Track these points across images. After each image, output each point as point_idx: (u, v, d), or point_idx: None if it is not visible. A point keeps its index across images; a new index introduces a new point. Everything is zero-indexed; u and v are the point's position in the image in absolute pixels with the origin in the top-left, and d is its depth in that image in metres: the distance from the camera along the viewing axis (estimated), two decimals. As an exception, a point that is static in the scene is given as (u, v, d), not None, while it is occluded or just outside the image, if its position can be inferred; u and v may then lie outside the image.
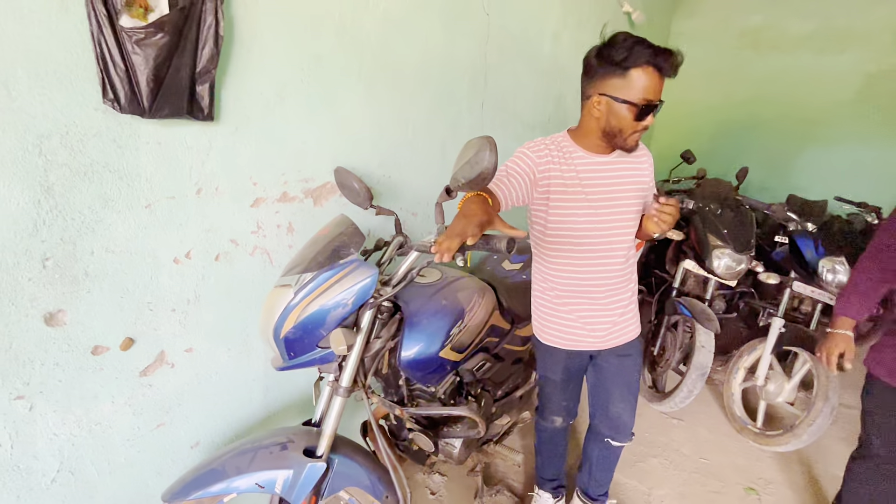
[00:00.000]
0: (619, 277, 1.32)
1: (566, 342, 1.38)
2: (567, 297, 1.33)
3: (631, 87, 1.11)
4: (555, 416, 1.56)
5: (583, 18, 2.97)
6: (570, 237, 1.26)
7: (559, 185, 1.21)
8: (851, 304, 1.47)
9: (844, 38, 4.34)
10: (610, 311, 1.35)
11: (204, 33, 1.00)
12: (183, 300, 1.13)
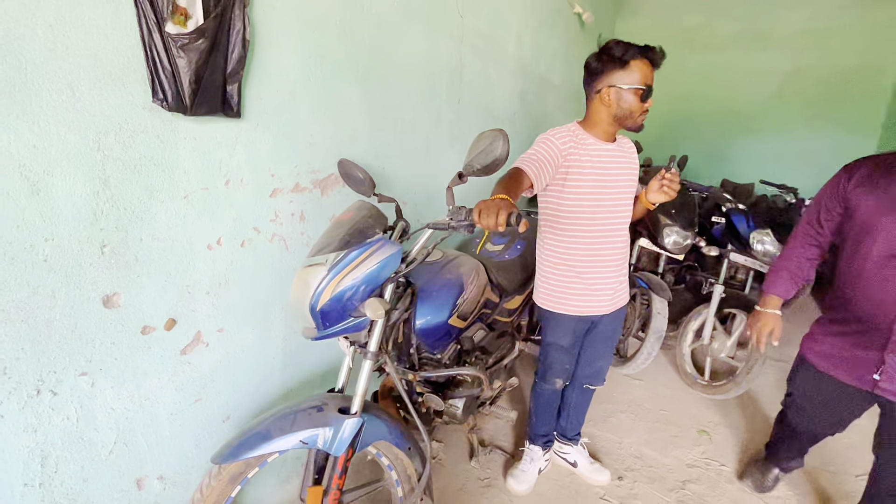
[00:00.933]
0: (621, 248, 1.57)
1: (578, 308, 1.59)
2: (580, 267, 1.53)
3: (632, 76, 1.37)
4: (557, 377, 1.75)
5: (541, 20, 3.20)
6: (585, 213, 1.47)
7: (577, 168, 1.43)
8: (779, 282, 1.55)
9: (766, 38, 4.87)
10: (614, 278, 1.58)
11: (233, 38, 1.11)
12: (215, 283, 1.23)
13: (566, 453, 1.95)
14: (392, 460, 1.35)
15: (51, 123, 0.85)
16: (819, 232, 1.46)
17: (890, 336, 1.26)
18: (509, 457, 2.03)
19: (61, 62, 0.85)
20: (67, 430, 0.97)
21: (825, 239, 1.46)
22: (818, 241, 1.48)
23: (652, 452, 2.12)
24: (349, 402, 1.24)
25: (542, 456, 1.91)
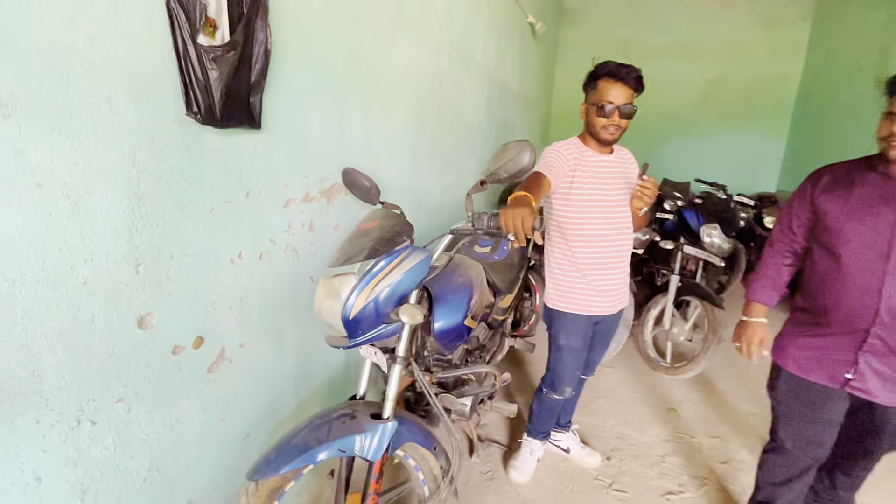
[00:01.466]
0: (624, 253, 1.68)
1: (588, 308, 1.68)
2: (586, 270, 1.63)
3: (597, 93, 1.50)
4: (567, 386, 1.81)
5: (502, 29, 3.34)
6: (588, 220, 1.58)
7: (581, 178, 1.54)
8: (762, 290, 1.53)
9: (692, 50, 5.38)
10: (617, 280, 1.69)
11: (257, 49, 1.10)
12: (238, 298, 1.20)
13: (559, 440, 2.07)
14: (419, 461, 1.38)
15: (90, 139, 0.81)
16: (793, 239, 1.48)
17: (866, 338, 1.27)
18: (506, 449, 2.12)
19: (100, 75, 0.81)
20: (105, 461, 0.92)
21: (799, 245, 1.48)
22: (792, 247, 1.50)
23: (631, 432, 2.30)
24: (377, 408, 1.26)
25: (540, 447, 2.01)
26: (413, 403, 1.66)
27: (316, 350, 1.58)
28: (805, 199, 1.40)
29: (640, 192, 1.45)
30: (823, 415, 1.40)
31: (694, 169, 5.16)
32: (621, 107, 1.47)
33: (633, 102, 1.52)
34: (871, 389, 1.28)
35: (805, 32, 4.98)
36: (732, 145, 5.41)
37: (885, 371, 1.27)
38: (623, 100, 1.47)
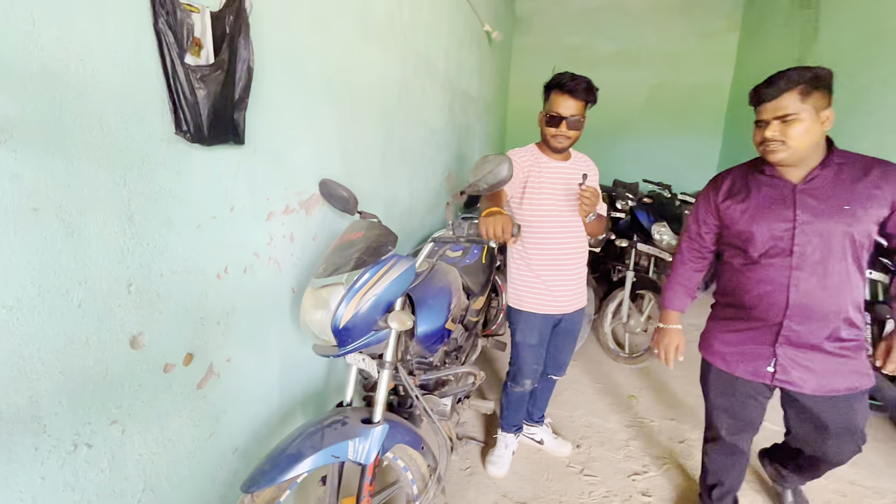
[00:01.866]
0: (576, 255, 1.78)
1: (542, 307, 1.79)
2: (540, 270, 1.74)
3: (549, 104, 1.62)
4: (527, 379, 1.93)
5: (461, 37, 3.44)
6: (541, 223, 1.67)
7: (534, 183, 1.63)
8: (675, 298, 1.59)
9: (635, 58, 5.72)
10: (571, 280, 1.79)
11: (240, 67, 1.11)
12: (224, 313, 1.21)
13: (533, 433, 2.18)
14: (407, 461, 1.43)
15: (83, 161, 0.81)
16: (702, 245, 1.53)
17: (780, 331, 1.33)
18: (483, 445, 2.20)
19: (91, 97, 0.81)
20: (101, 484, 0.91)
21: (708, 249, 1.54)
22: (702, 252, 1.55)
23: (597, 420, 2.45)
24: (366, 413, 1.30)
25: (514, 440, 2.12)
26: (396, 406, 1.70)
27: (299, 360, 1.59)
28: (710, 205, 1.45)
29: (580, 200, 1.52)
30: (751, 406, 1.48)
31: (641, 169, 5.49)
32: (568, 118, 1.57)
33: (584, 114, 1.62)
34: (795, 381, 1.35)
35: (734, 44, 5.44)
36: (674, 147, 5.80)
37: (804, 361, 1.33)
38: (571, 112, 1.57)
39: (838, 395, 1.33)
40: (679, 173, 5.57)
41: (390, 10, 2.10)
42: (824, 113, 1.20)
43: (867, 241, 1.26)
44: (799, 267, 1.28)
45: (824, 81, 1.20)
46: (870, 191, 1.22)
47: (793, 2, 4.21)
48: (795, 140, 1.21)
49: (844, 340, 1.30)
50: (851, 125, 3.24)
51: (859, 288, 1.28)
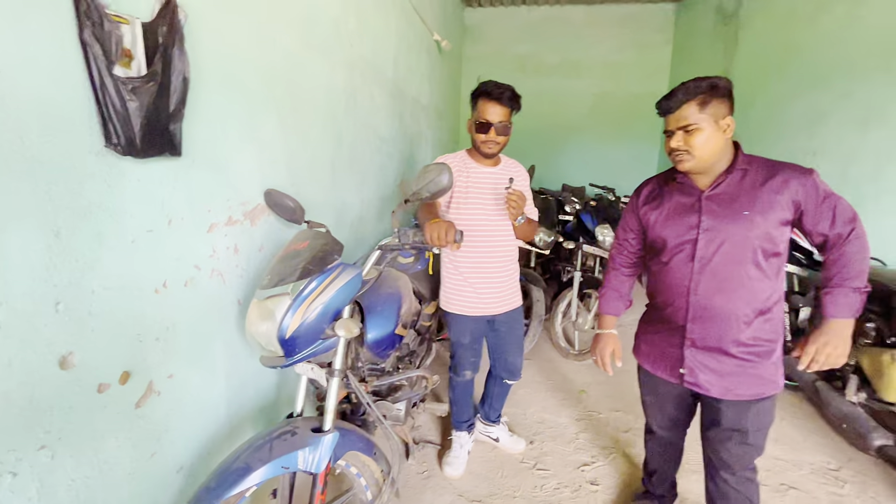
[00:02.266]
0: (503, 258, 1.83)
1: (469, 309, 1.84)
2: (467, 273, 1.79)
3: (477, 111, 1.68)
4: (466, 370, 2.01)
5: (410, 46, 3.49)
6: (468, 228, 1.72)
7: (461, 188, 1.68)
8: (609, 303, 1.61)
9: (579, 68, 5.99)
10: (497, 284, 1.84)
11: (175, 78, 1.10)
12: (164, 328, 1.18)
13: (490, 432, 2.23)
14: (360, 468, 1.44)
15: (3, 175, 0.78)
16: (629, 250, 1.57)
17: (685, 333, 1.36)
18: (439, 447, 2.23)
19: (10, 110, 0.78)
20: (29, 514, 0.87)
21: (636, 254, 1.57)
22: (630, 258, 1.58)
23: (549, 416, 2.55)
24: (316, 422, 1.30)
25: (469, 439, 2.16)
26: (349, 414, 1.71)
27: (247, 373, 1.56)
28: (634, 212, 1.49)
29: (507, 204, 1.58)
30: (676, 404, 1.52)
31: (588, 174, 5.76)
32: (496, 124, 1.64)
33: (510, 120, 1.70)
34: (702, 383, 1.36)
35: (668, 55, 5.83)
36: (618, 152, 6.12)
37: (711, 363, 1.34)
38: (498, 118, 1.64)
39: (742, 399, 1.33)
40: (623, 177, 5.88)
41: (335, 19, 2.12)
42: (724, 121, 1.23)
43: (773, 245, 1.26)
44: (700, 271, 1.31)
45: (721, 91, 1.23)
46: (770, 196, 1.24)
47: (716, 18, 4.58)
48: (698, 149, 1.24)
49: (749, 345, 1.31)
50: (767, 131, 3.57)
51: (765, 293, 1.28)
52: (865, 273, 1.23)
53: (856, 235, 1.23)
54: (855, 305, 1.23)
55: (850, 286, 1.22)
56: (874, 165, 2.46)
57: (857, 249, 1.23)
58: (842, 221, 1.22)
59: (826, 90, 2.80)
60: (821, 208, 1.23)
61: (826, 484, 2.03)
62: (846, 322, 1.23)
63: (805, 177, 1.24)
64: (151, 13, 1.05)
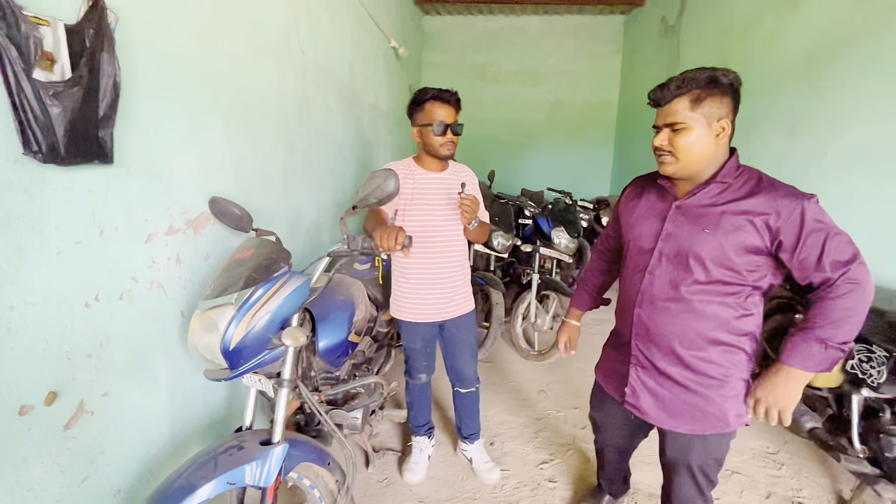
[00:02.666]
0: (452, 265, 1.81)
1: (416, 316, 1.83)
2: (415, 280, 1.78)
3: (427, 116, 1.67)
4: (420, 373, 2.00)
5: (366, 53, 3.48)
6: (415, 233, 1.72)
7: (407, 195, 1.68)
8: (577, 295, 1.60)
9: (535, 76, 6.16)
10: (445, 291, 1.82)
11: (104, 82, 1.06)
12: (96, 344, 1.12)
13: (465, 450, 2.17)
14: (313, 479, 1.41)
15: None
16: (608, 248, 1.51)
17: (630, 350, 1.25)
18: (400, 454, 2.22)
19: (-90, 116, 0.73)
20: (-63, 550, 0.80)
21: (613, 252, 1.50)
22: (606, 256, 1.53)
23: (510, 417, 2.59)
24: (266, 434, 1.27)
25: (429, 444, 2.16)
26: (304, 425, 1.67)
27: (193, 388, 1.51)
28: (616, 210, 1.41)
29: (461, 208, 1.59)
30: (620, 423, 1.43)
31: (546, 179, 5.91)
32: (452, 125, 1.66)
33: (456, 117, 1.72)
34: (643, 406, 1.26)
35: (618, 65, 6.08)
36: (574, 157, 6.32)
37: (653, 386, 1.23)
38: (452, 119, 1.67)
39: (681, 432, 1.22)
40: (580, 181, 6.08)
41: (285, 25, 2.09)
42: (718, 123, 1.06)
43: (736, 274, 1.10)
44: (650, 284, 1.20)
45: (722, 87, 1.05)
46: (740, 218, 1.07)
47: (660, 30, 4.83)
48: (683, 152, 1.08)
49: (697, 373, 1.17)
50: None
51: (725, 324, 1.14)
52: (850, 328, 1.00)
53: (848, 281, 1.00)
54: (814, 358, 1.02)
55: (817, 335, 1.02)
56: (801, 169, 2.66)
57: (847, 303, 0.99)
58: (831, 262, 1.00)
59: (757, 99, 3.00)
60: (804, 241, 1.02)
61: (765, 467, 2.16)
62: (797, 374, 1.05)
63: (792, 201, 1.03)
64: (77, 15, 1.01)
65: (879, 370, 1.72)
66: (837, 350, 1.01)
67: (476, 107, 6.04)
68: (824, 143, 2.48)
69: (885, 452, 1.65)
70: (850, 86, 2.34)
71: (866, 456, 1.75)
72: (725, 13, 3.50)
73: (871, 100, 2.23)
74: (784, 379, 1.07)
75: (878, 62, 2.20)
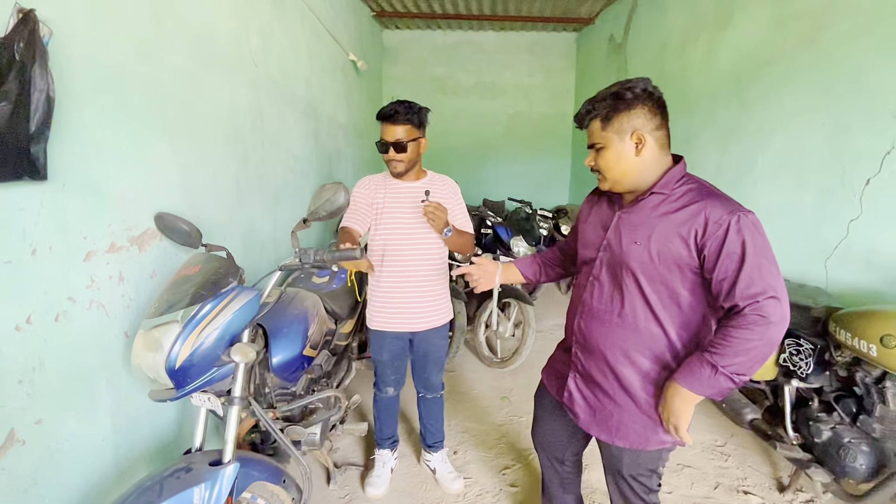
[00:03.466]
0: (426, 274, 1.82)
1: (387, 325, 1.85)
2: (388, 290, 1.80)
3: (380, 133, 1.70)
4: (388, 387, 2.00)
5: (323, 66, 3.49)
6: (389, 242, 1.75)
7: (379, 204, 1.71)
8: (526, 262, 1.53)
9: (493, 89, 6.32)
10: (418, 302, 1.83)
11: (36, 97, 1.02)
12: (28, 369, 1.06)
13: (429, 460, 2.17)
14: (268, 498, 1.38)
15: None
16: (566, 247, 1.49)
17: (570, 356, 1.27)
18: (362, 468, 2.20)
19: None
20: None
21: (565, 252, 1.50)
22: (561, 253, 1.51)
23: (473, 424, 2.61)
24: (217, 455, 1.24)
25: (391, 457, 2.14)
26: (260, 443, 1.64)
27: (139, 411, 1.45)
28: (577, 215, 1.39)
29: (426, 216, 1.60)
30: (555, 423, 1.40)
31: (507, 189, 6.05)
32: (392, 143, 1.66)
33: (414, 136, 1.68)
34: (577, 410, 1.26)
35: (572, 79, 6.34)
36: (533, 168, 6.50)
37: (588, 395, 1.24)
38: (393, 137, 1.66)
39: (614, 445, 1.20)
40: (539, 191, 6.26)
41: (235, 37, 2.08)
42: (633, 137, 1.07)
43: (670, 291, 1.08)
44: (590, 294, 1.21)
45: (627, 100, 1.06)
46: (671, 230, 1.05)
47: (609, 47, 5.08)
48: (606, 169, 1.11)
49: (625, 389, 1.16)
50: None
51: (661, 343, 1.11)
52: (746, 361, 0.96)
53: (755, 313, 0.95)
54: (703, 382, 1.00)
55: (710, 360, 0.99)
56: (735, 177, 2.86)
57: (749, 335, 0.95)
58: (742, 290, 0.96)
59: (695, 113, 3.21)
60: (728, 258, 0.97)
61: (713, 459, 2.28)
62: (685, 392, 1.02)
63: (722, 214, 0.99)
64: (5, 29, 0.98)
65: (807, 361, 1.86)
66: (728, 379, 0.98)
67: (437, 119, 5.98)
68: (754, 152, 2.68)
69: (815, 438, 1.78)
70: (772, 101, 2.55)
71: (799, 443, 1.89)
72: (665, 33, 3.74)
73: (789, 113, 2.44)
74: (672, 395, 1.05)
75: (792, 80, 2.41)
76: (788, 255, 2.41)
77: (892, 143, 1.92)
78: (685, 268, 1.05)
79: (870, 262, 2.03)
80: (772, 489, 2.06)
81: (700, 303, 1.09)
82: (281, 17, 2.64)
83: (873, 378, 1.64)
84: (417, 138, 1.73)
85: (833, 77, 2.18)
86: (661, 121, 1.10)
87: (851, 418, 1.72)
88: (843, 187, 2.15)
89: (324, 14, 3.46)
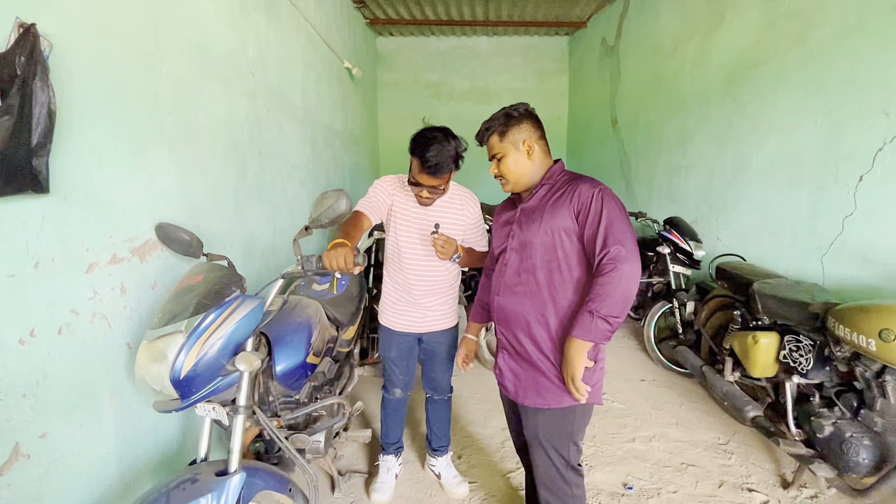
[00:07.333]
0: (431, 284, 1.81)
1: (394, 324, 1.88)
2: (396, 292, 1.83)
3: (413, 165, 1.60)
4: (395, 388, 2.00)
5: (319, 74, 3.51)
6: (402, 244, 1.75)
7: (397, 207, 1.73)
8: (475, 308, 1.70)
9: (487, 94, 6.36)
10: (421, 306, 1.84)
11: (38, 111, 1.03)
12: (32, 382, 1.06)
13: (433, 465, 2.16)
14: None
15: None
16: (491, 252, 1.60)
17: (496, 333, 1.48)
18: (367, 475, 2.19)
19: None
20: None
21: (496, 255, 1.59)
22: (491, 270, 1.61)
23: (477, 429, 2.61)
24: (222, 465, 1.24)
25: (396, 463, 2.14)
26: (265, 452, 1.63)
27: (142, 423, 1.44)
28: None
29: (434, 247, 1.58)
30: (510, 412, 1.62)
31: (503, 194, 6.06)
32: (428, 188, 1.61)
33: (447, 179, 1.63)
34: (506, 384, 1.44)
35: (566, 83, 6.38)
36: (529, 171, 6.52)
37: (513, 366, 1.42)
38: (431, 184, 1.59)
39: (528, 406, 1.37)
40: (535, 194, 6.27)
41: (232, 48, 2.09)
42: (524, 145, 1.34)
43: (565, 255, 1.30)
44: (501, 274, 1.42)
45: (515, 118, 1.35)
46: (557, 206, 1.30)
47: (601, 50, 5.12)
48: (507, 173, 1.37)
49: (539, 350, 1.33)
50: (650, 148, 4.03)
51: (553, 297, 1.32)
52: (613, 302, 1.17)
53: (609, 260, 1.19)
54: (585, 326, 1.20)
55: (588, 307, 1.20)
56: (730, 176, 2.88)
57: (608, 280, 1.18)
58: (601, 242, 1.22)
59: (689, 113, 3.24)
60: (587, 220, 1.25)
61: (717, 457, 2.28)
62: (577, 343, 1.22)
63: (588, 189, 1.27)
64: (7, 43, 0.99)
65: (807, 357, 1.87)
66: (604, 322, 1.19)
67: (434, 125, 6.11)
68: (748, 152, 2.71)
69: (817, 434, 1.79)
70: (765, 100, 2.58)
71: (802, 439, 1.90)
72: (657, 35, 3.78)
73: (782, 112, 2.46)
74: (567, 346, 1.25)
75: (785, 79, 2.44)
76: (785, 252, 2.43)
77: (883, 140, 1.95)
78: (571, 233, 1.30)
79: (866, 257, 2.05)
80: (776, 486, 2.07)
81: (586, 269, 1.32)
82: (276, 27, 2.66)
83: (873, 372, 1.65)
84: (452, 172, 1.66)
85: (825, 76, 2.21)
86: (542, 133, 1.41)
87: (853, 413, 1.74)
88: (836, 184, 2.17)
89: (318, 23, 3.48)
